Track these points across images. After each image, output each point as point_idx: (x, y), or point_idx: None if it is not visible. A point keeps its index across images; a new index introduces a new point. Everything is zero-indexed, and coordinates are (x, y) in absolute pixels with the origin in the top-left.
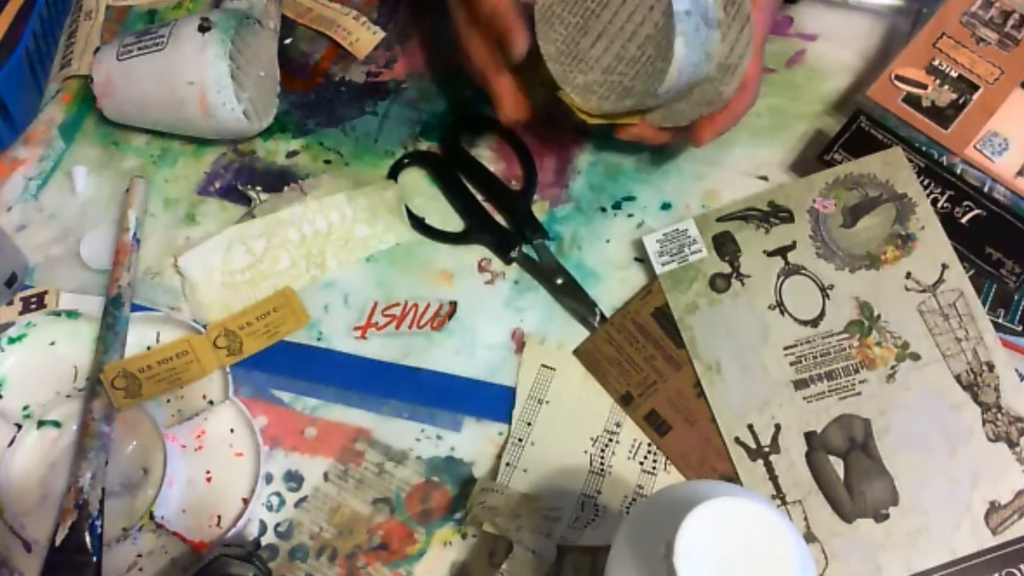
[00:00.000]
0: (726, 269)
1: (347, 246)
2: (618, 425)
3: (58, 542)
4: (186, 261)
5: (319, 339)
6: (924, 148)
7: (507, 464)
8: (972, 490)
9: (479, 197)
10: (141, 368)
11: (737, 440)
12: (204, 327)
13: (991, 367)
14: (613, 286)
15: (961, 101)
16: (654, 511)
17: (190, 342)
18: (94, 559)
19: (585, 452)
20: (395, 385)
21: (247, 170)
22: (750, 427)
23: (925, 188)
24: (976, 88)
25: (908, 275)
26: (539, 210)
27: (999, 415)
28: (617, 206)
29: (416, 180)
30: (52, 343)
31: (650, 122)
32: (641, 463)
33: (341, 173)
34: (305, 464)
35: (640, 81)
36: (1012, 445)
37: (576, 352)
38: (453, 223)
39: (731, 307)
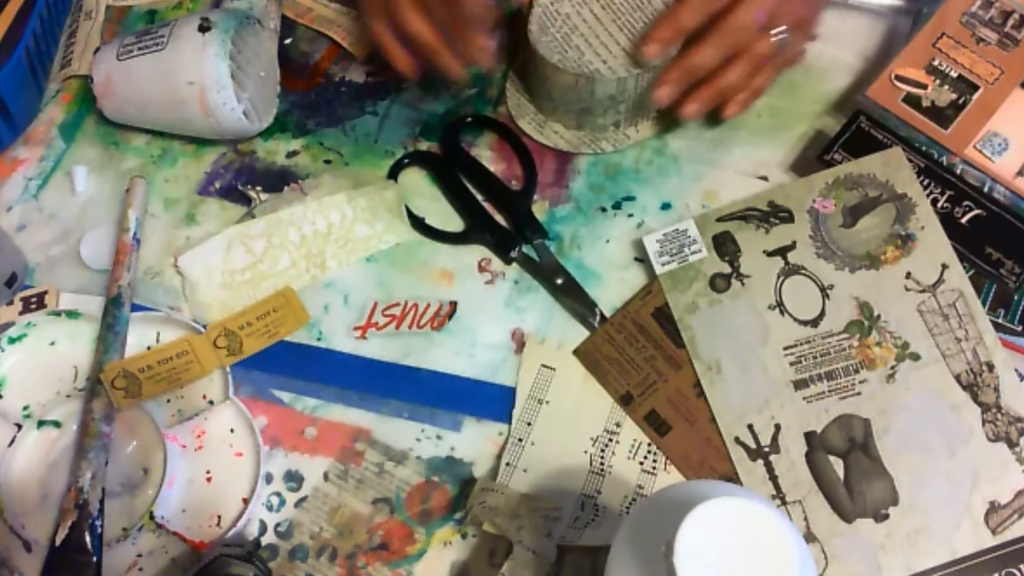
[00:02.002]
0: (726, 269)
1: (347, 246)
2: (618, 425)
3: (58, 542)
4: (186, 261)
5: (319, 339)
6: (924, 148)
7: (507, 464)
8: (972, 490)
9: (479, 197)
10: (141, 368)
11: (737, 440)
12: (204, 327)
13: (991, 367)
14: (613, 286)
15: (961, 101)
16: (654, 511)
17: (190, 342)
18: (94, 559)
19: (585, 452)
20: (395, 385)
21: (247, 170)
22: (750, 427)
23: (925, 188)
24: (976, 88)
25: (908, 275)
26: (539, 210)
27: (999, 415)
28: (617, 206)
29: (416, 180)
30: (52, 343)
31: None
32: (641, 463)
33: (341, 173)
34: (305, 464)
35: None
36: (1012, 445)
37: (576, 352)
38: (453, 223)
39: (731, 307)
